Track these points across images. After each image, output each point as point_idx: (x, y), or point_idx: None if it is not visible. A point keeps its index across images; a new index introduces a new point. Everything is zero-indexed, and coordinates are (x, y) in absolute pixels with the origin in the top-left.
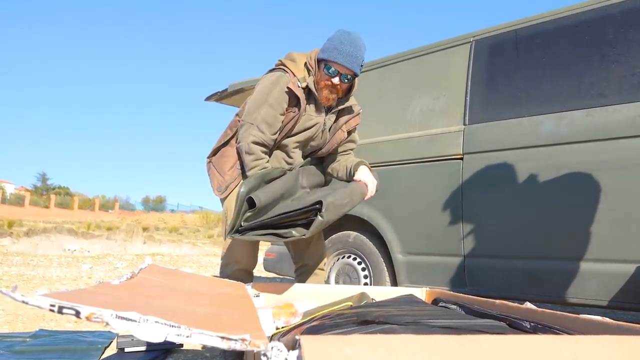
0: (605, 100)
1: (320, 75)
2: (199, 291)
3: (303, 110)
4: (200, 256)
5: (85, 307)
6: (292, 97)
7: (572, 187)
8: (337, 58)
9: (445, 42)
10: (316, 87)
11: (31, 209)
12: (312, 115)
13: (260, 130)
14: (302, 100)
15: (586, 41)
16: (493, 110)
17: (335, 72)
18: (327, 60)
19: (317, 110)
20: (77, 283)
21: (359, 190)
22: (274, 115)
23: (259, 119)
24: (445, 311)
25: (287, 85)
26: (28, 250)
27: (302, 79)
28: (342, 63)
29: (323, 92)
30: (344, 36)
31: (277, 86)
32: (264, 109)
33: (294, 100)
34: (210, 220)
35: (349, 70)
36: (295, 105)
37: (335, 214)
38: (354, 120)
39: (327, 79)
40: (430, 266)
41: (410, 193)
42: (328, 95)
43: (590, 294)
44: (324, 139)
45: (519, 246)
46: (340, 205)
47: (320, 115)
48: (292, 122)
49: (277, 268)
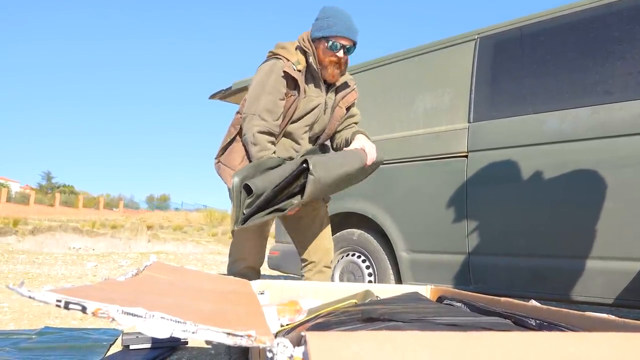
0: (610, 97)
1: (322, 53)
2: (204, 288)
3: (303, 93)
4: (204, 254)
5: (92, 302)
6: (290, 80)
7: (577, 185)
8: (338, 32)
9: (449, 40)
10: (320, 66)
11: (36, 208)
12: (313, 97)
13: (263, 119)
14: (300, 82)
15: (591, 38)
16: (498, 108)
17: (339, 46)
18: (327, 37)
19: (317, 91)
20: (82, 281)
21: (355, 154)
22: (273, 101)
23: (260, 108)
24: (450, 309)
25: (282, 70)
26: (33, 249)
27: (296, 62)
28: (343, 35)
29: (329, 70)
30: (334, 11)
31: (272, 74)
32: (263, 98)
33: (292, 84)
34: (215, 218)
35: (350, 40)
36: (294, 88)
37: (327, 171)
38: (351, 96)
39: (331, 55)
40: (435, 264)
41: (414, 191)
42: (334, 72)
43: (595, 292)
44: (326, 120)
45: (524, 244)
46: (331, 164)
47: (321, 95)
48: (293, 105)
49: (282, 266)
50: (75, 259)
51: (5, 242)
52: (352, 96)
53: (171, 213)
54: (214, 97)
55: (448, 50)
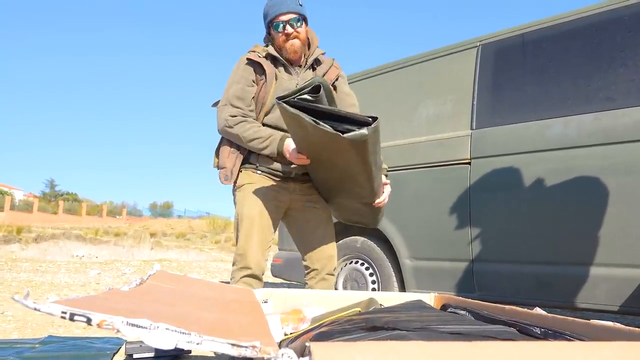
0: (613, 104)
1: (274, 38)
2: (207, 297)
3: (272, 76)
4: (207, 262)
5: (97, 314)
6: (256, 66)
7: (580, 191)
8: (275, 11)
9: (451, 47)
10: (280, 50)
11: (40, 215)
12: (285, 79)
13: (234, 106)
14: (265, 66)
15: (594, 45)
16: (500, 115)
17: (281, 24)
18: (271, 21)
19: (288, 73)
20: (85, 289)
21: (379, 178)
22: (241, 88)
23: (230, 96)
24: (454, 317)
25: (246, 58)
26: (37, 257)
27: (260, 51)
28: (280, 12)
29: (287, 48)
30: None
31: (239, 66)
32: (232, 88)
33: (259, 69)
34: (217, 225)
35: (290, 13)
36: (262, 74)
37: (375, 135)
38: (333, 71)
39: (280, 35)
40: (438, 271)
41: (417, 198)
42: (292, 47)
43: (600, 299)
44: None
45: (528, 251)
46: (378, 137)
47: (294, 76)
48: (264, 90)
49: (285, 274)
50: (79, 267)
51: (9, 250)
52: (333, 72)
53: (174, 220)
54: (216, 105)
55: (450, 58)
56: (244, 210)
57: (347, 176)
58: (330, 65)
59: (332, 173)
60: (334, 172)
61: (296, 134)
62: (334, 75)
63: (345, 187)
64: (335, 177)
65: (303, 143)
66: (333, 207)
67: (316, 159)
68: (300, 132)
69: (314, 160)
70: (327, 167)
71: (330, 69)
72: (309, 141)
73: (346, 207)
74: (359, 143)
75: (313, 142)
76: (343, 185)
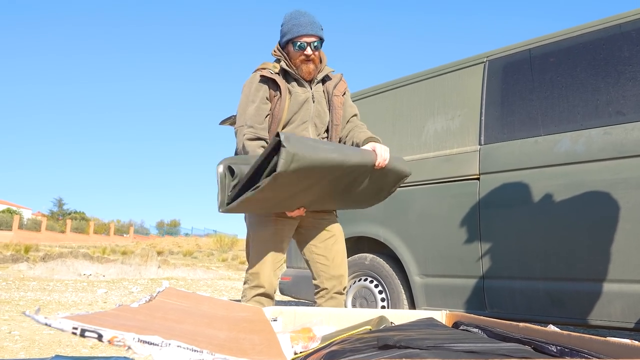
0: (623, 118)
1: (292, 55)
2: (217, 315)
3: (286, 91)
4: (214, 280)
5: (108, 330)
6: (270, 83)
7: (592, 206)
8: (300, 31)
9: (459, 63)
10: (295, 68)
11: (48, 234)
12: (299, 92)
13: (250, 126)
14: (279, 82)
15: (601, 59)
16: (509, 130)
17: (304, 45)
18: (292, 39)
19: (302, 88)
20: (92, 308)
21: (356, 149)
22: (257, 106)
23: (247, 118)
24: (467, 335)
25: (259, 75)
26: (44, 275)
27: (273, 67)
28: (306, 33)
29: (302, 68)
30: (294, 14)
31: (252, 84)
32: (248, 108)
33: (273, 86)
34: (224, 243)
35: (314, 36)
36: (276, 89)
37: (307, 149)
38: (342, 85)
39: (300, 54)
40: (449, 288)
41: (426, 214)
42: (307, 68)
43: (616, 316)
44: (323, 110)
45: (540, 267)
46: (315, 145)
47: (306, 90)
48: (279, 105)
49: (294, 291)
50: (86, 286)
51: (17, 269)
52: (342, 85)
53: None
54: (224, 123)
55: (458, 74)
56: (257, 229)
57: (330, 181)
58: (339, 80)
59: (321, 189)
60: (320, 189)
61: (267, 200)
62: (342, 89)
63: (339, 186)
64: (325, 191)
65: (276, 198)
66: (350, 204)
67: (300, 192)
68: (266, 199)
69: (300, 195)
70: (312, 190)
71: (340, 83)
72: (275, 195)
73: (362, 193)
74: (289, 160)
75: (278, 192)
76: (335, 187)
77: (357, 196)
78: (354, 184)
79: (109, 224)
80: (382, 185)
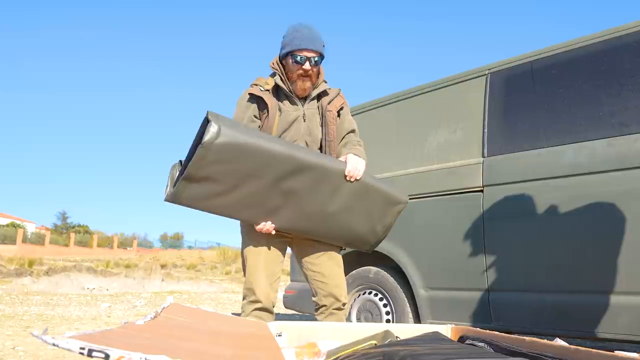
0: (626, 129)
1: (290, 69)
2: (222, 331)
3: (275, 109)
4: (218, 293)
5: (115, 350)
6: (259, 101)
7: (597, 218)
8: (300, 45)
9: (460, 75)
10: (290, 82)
11: (51, 248)
12: (290, 111)
13: None
14: (267, 99)
15: (603, 71)
16: (512, 142)
17: (303, 59)
18: (292, 52)
19: (293, 106)
20: (96, 322)
21: (322, 156)
22: (244, 125)
23: None
24: (473, 349)
25: (248, 93)
26: (48, 289)
27: (264, 84)
28: (306, 47)
29: (298, 84)
30: (296, 27)
31: (242, 102)
32: None
33: (262, 104)
34: (228, 256)
35: (314, 52)
36: (264, 108)
37: (234, 127)
38: (338, 100)
39: (298, 68)
40: (454, 301)
41: (430, 227)
42: (303, 85)
43: (623, 329)
44: (315, 127)
45: (545, 279)
46: (246, 129)
47: (298, 108)
48: (267, 124)
49: (298, 305)
50: (90, 300)
51: (20, 283)
52: (338, 100)
53: (185, 251)
54: None
55: (460, 86)
56: (250, 244)
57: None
58: (336, 95)
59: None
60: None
61: (226, 196)
62: (339, 104)
63: (311, 199)
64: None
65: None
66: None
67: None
68: (225, 193)
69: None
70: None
71: (336, 98)
72: (231, 190)
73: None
74: (216, 133)
75: (229, 183)
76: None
77: (343, 221)
78: (330, 199)
79: (113, 237)
80: (371, 209)
